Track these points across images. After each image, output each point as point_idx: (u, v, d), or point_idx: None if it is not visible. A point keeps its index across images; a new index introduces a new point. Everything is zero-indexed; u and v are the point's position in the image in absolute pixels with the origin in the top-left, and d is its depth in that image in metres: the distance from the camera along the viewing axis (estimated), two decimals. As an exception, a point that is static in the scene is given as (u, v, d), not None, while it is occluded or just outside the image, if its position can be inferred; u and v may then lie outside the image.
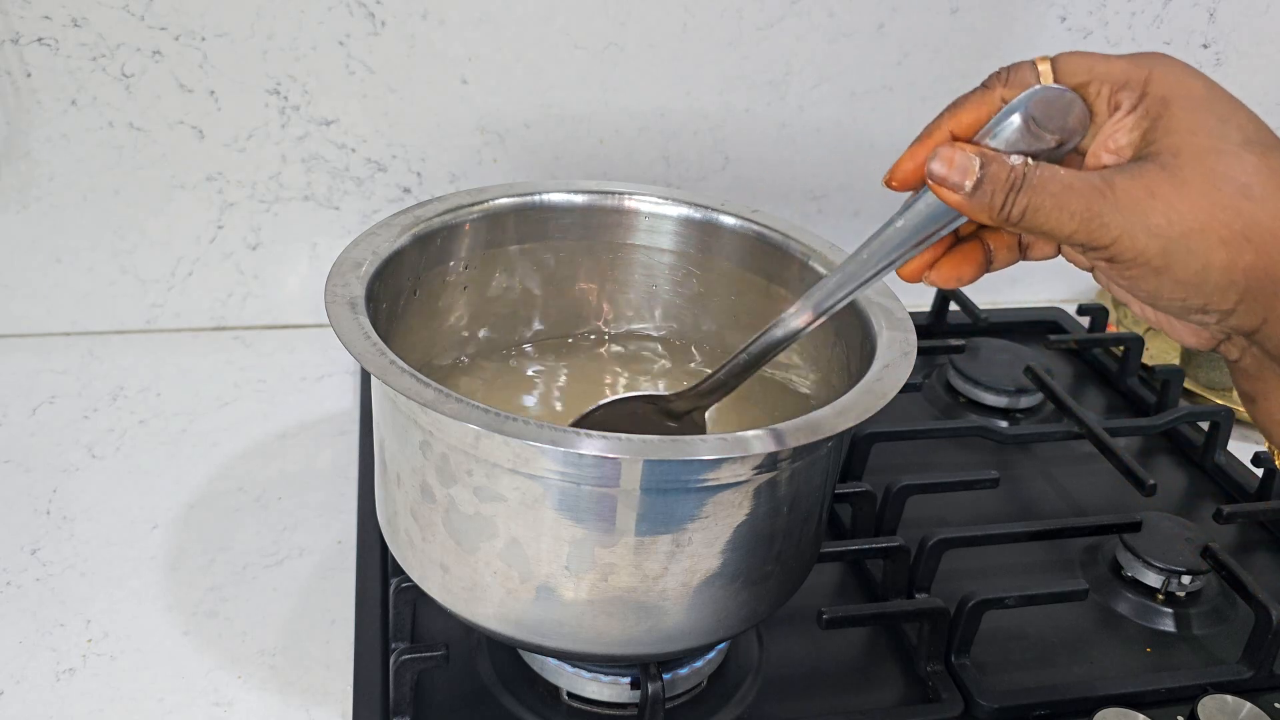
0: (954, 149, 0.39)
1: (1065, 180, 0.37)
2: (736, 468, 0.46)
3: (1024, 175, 0.38)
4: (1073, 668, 0.62)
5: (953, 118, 0.41)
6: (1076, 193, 0.37)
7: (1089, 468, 0.78)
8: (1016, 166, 0.38)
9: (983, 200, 0.38)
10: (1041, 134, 0.39)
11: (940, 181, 0.39)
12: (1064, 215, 0.37)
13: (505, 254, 0.65)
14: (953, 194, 0.39)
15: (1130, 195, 0.37)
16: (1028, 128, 0.39)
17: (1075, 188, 0.37)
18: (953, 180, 0.39)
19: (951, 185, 0.39)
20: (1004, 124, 0.39)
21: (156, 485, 0.71)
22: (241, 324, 0.88)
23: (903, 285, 0.62)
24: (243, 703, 0.57)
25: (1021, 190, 0.38)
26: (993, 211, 0.39)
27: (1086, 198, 0.37)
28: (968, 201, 0.39)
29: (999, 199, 0.38)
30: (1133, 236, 0.37)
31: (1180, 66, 0.38)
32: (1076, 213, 0.37)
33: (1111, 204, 0.37)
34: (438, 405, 0.44)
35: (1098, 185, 0.37)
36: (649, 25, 0.83)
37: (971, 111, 0.41)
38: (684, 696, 0.57)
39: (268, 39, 0.78)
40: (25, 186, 0.80)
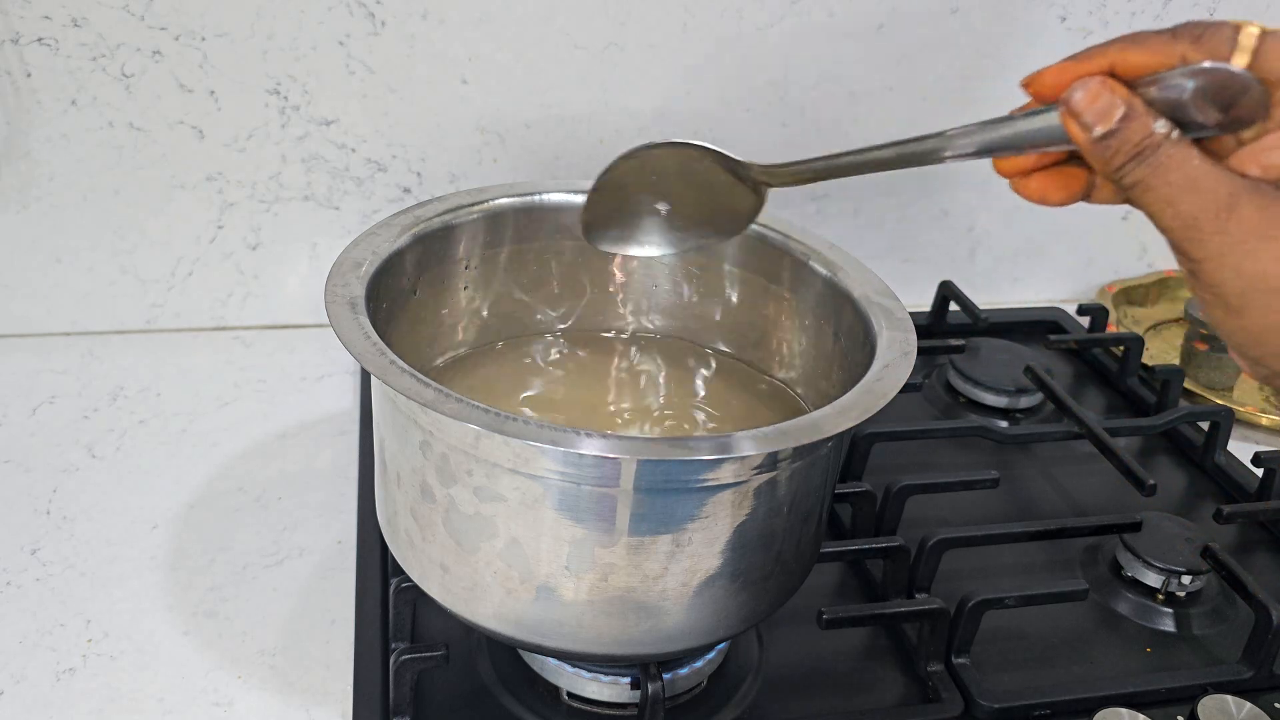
0: (1104, 87, 0.36)
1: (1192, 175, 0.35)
2: (736, 468, 0.46)
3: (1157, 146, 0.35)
4: (1073, 668, 0.62)
5: (1122, 51, 0.37)
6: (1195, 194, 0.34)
7: (1089, 468, 0.78)
8: (1155, 135, 0.35)
9: (1103, 152, 0.36)
10: (1206, 110, 0.35)
11: (1074, 113, 0.36)
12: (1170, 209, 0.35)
13: (505, 254, 0.65)
14: (1079, 131, 0.36)
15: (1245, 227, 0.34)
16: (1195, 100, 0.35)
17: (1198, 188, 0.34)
18: (1086, 119, 0.36)
19: (1083, 123, 0.36)
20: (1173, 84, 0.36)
21: (156, 485, 0.71)
22: (241, 324, 0.88)
23: (903, 285, 0.62)
24: (243, 703, 0.57)
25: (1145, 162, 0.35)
26: (1107, 167, 0.36)
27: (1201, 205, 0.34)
28: (1090, 145, 0.36)
29: (1119, 159, 0.36)
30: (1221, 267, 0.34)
31: None
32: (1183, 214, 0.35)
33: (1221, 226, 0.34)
34: (438, 405, 0.44)
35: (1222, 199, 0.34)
36: (649, 25, 0.83)
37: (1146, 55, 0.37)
38: (684, 696, 0.57)
39: (268, 39, 0.78)
40: (25, 186, 0.80)
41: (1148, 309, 1.00)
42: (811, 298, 0.62)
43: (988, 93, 0.91)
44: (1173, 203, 0.35)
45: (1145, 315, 0.99)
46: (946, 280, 0.91)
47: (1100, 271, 1.01)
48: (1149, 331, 0.98)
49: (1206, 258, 0.35)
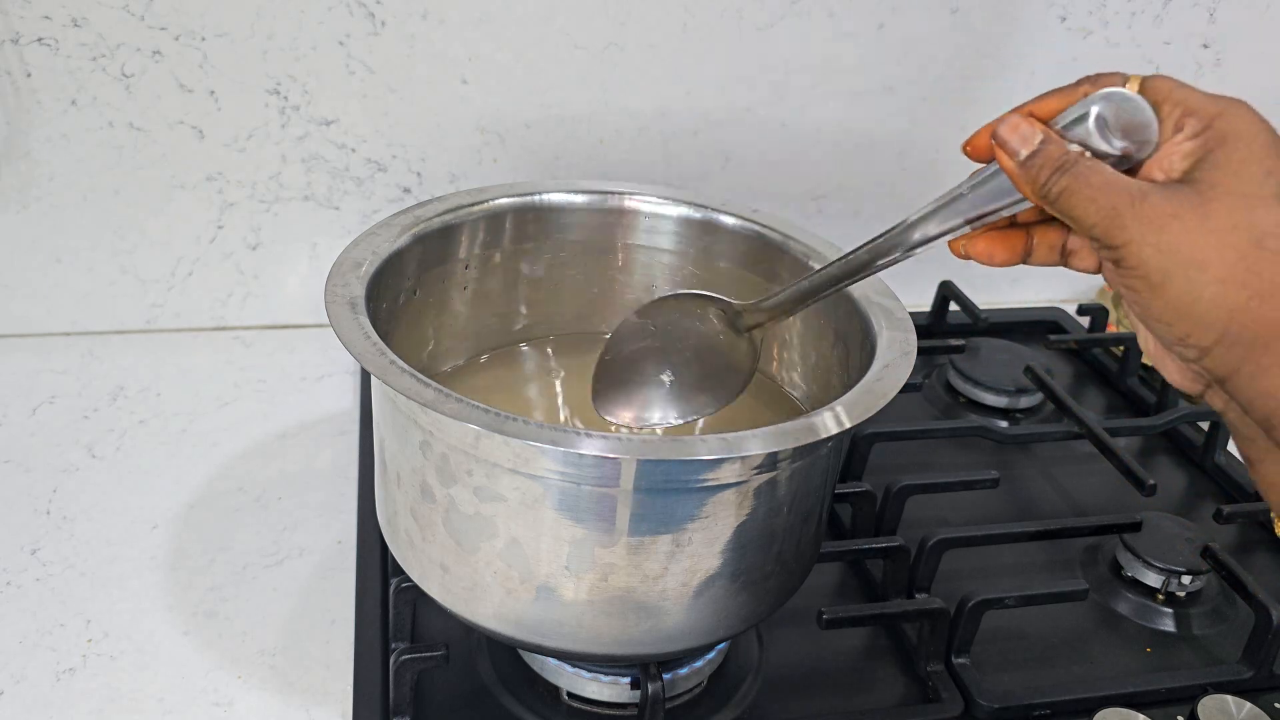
0: (1022, 120, 0.42)
1: (1107, 177, 0.40)
2: (736, 468, 0.46)
3: (1074, 161, 0.40)
4: (1073, 668, 0.62)
5: (1037, 103, 0.43)
6: (1111, 190, 0.40)
7: (1089, 468, 0.78)
8: (1070, 152, 0.41)
9: (1030, 171, 0.41)
10: (1110, 138, 0.41)
11: (1001, 145, 0.42)
12: (1091, 206, 0.40)
13: (505, 254, 0.65)
14: (1008, 160, 0.42)
15: (1156, 210, 0.39)
16: (1098, 127, 0.41)
17: (1112, 186, 0.40)
18: (1011, 146, 0.42)
19: (1009, 151, 0.42)
20: (1076, 117, 0.42)
21: (156, 485, 0.71)
22: (241, 324, 0.88)
23: (903, 285, 0.62)
24: (243, 703, 0.57)
25: (1066, 173, 0.40)
26: (1035, 185, 0.41)
27: (1117, 198, 0.39)
28: (1018, 169, 0.42)
29: (1044, 174, 0.41)
30: (1141, 246, 0.39)
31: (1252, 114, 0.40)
32: (1104, 208, 0.40)
33: (1136, 212, 0.39)
34: (438, 405, 0.44)
35: (1133, 192, 0.39)
36: (649, 25, 0.83)
37: (1055, 101, 0.43)
38: (684, 696, 0.57)
39: (268, 39, 0.78)
40: (25, 186, 0.80)
41: (1148, 309, 1.00)
42: (811, 298, 0.62)
43: (988, 93, 0.91)
44: (1093, 199, 0.40)
45: (1145, 315, 0.99)
46: (946, 280, 0.91)
47: (1100, 271, 1.01)
48: (1149, 331, 0.98)
49: (1128, 240, 0.39)
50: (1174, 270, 0.38)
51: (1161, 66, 0.92)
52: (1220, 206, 0.38)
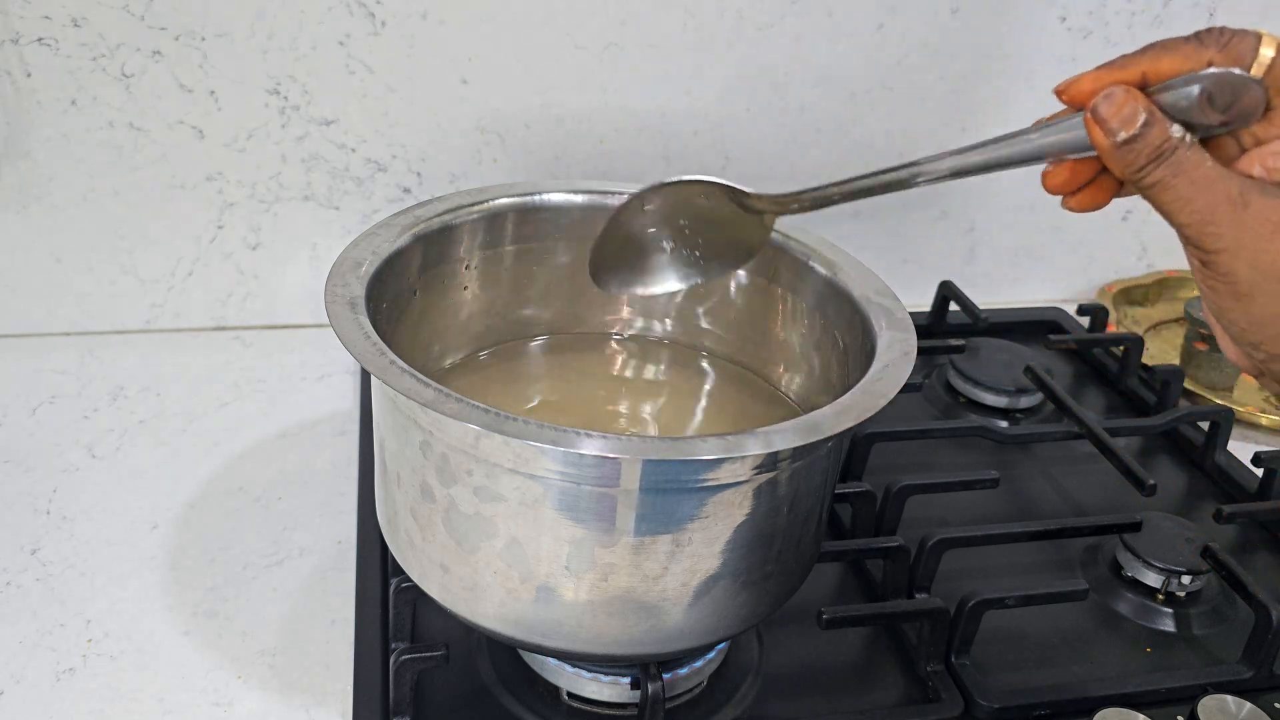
0: (1129, 96, 0.39)
1: (1207, 174, 0.37)
2: (736, 468, 0.46)
3: (1172, 150, 0.38)
4: (1073, 668, 0.62)
5: (1154, 60, 0.40)
6: (1210, 192, 0.37)
7: (1089, 468, 0.78)
8: (1172, 139, 0.38)
9: (1125, 156, 0.39)
10: (1210, 112, 0.39)
11: (1100, 121, 0.39)
12: (1187, 206, 0.38)
13: (505, 254, 0.65)
14: (1103, 137, 0.39)
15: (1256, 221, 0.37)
16: (1200, 102, 0.39)
17: (1213, 186, 0.37)
18: (1111, 125, 0.39)
19: (1107, 130, 0.39)
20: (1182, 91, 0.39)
21: (156, 485, 0.71)
22: (241, 324, 0.88)
23: (903, 285, 0.62)
24: (243, 703, 0.57)
25: (1163, 164, 0.38)
26: (1130, 169, 0.39)
27: (1215, 201, 0.37)
28: (1114, 150, 0.39)
29: (1140, 161, 0.38)
30: (1235, 257, 0.37)
31: None
32: (1199, 210, 0.37)
33: (1234, 221, 0.37)
34: (438, 405, 0.44)
35: (1233, 196, 0.37)
36: (649, 25, 0.83)
37: (1175, 62, 0.40)
38: (684, 696, 0.57)
39: (268, 39, 0.78)
40: (25, 186, 0.80)
41: (1148, 309, 1.00)
42: (811, 298, 0.62)
43: (988, 93, 0.91)
44: (1190, 200, 0.37)
45: (1145, 315, 0.99)
46: (946, 280, 0.91)
47: (1100, 271, 1.01)
48: (1149, 331, 0.98)
49: (1223, 249, 0.37)
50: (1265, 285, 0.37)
51: (1161, 66, 0.92)
52: None
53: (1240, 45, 0.39)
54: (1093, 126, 0.40)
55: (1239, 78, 0.38)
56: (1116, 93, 0.39)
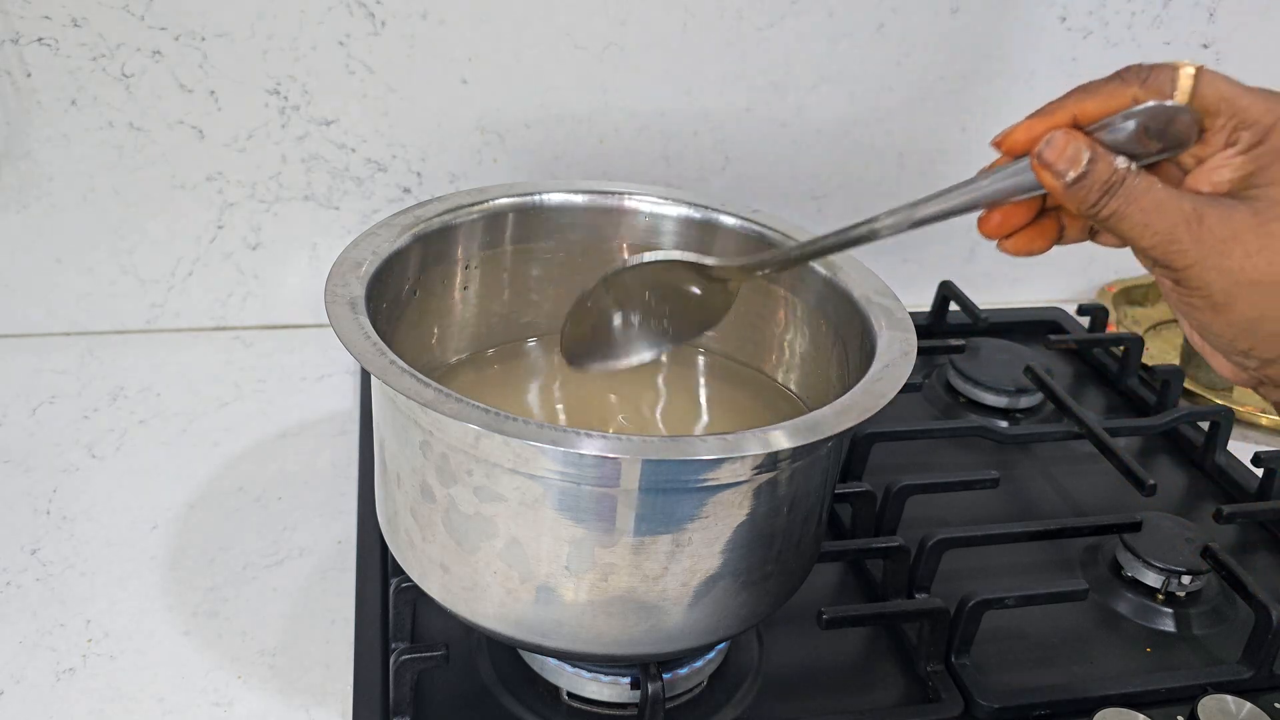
0: (1069, 138, 0.40)
1: (1159, 197, 0.39)
2: (736, 468, 0.46)
3: (1121, 180, 0.39)
4: (1073, 668, 0.62)
5: (1079, 103, 0.41)
6: (1165, 213, 0.38)
7: (1089, 468, 0.78)
8: (1119, 170, 0.39)
9: (1078, 193, 0.40)
10: (1147, 142, 0.40)
11: (1047, 166, 0.40)
12: (1147, 231, 0.39)
13: (505, 254, 0.65)
14: (1054, 180, 0.40)
15: (1215, 232, 0.38)
16: (1137, 135, 0.40)
17: (1166, 207, 0.38)
18: (1059, 168, 0.40)
19: (1056, 172, 0.40)
20: (1117, 126, 0.40)
21: (156, 485, 0.71)
22: (241, 324, 0.88)
23: (903, 285, 0.62)
24: (243, 703, 0.57)
25: (1116, 195, 0.39)
26: (1084, 206, 0.40)
27: (1173, 221, 0.38)
28: (1065, 191, 0.40)
29: (1093, 196, 0.39)
30: (1204, 269, 0.38)
31: None
32: (1160, 231, 0.38)
33: (1195, 236, 0.38)
34: (438, 405, 0.44)
35: (1188, 213, 0.38)
36: (649, 25, 0.83)
37: (1101, 102, 0.41)
38: (684, 696, 0.57)
39: (268, 39, 0.78)
40: (25, 186, 0.80)
41: (1148, 309, 1.00)
42: (811, 298, 0.62)
43: (988, 93, 0.91)
44: (1148, 224, 0.39)
45: (1145, 315, 0.99)
46: (946, 280, 0.91)
47: (1100, 271, 1.01)
48: (1149, 331, 0.98)
49: (1191, 264, 0.38)
50: (1238, 292, 0.38)
51: (1161, 66, 0.92)
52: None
53: (1160, 78, 0.40)
54: (1041, 171, 0.41)
55: (1171, 108, 0.40)
56: (1057, 136, 0.40)
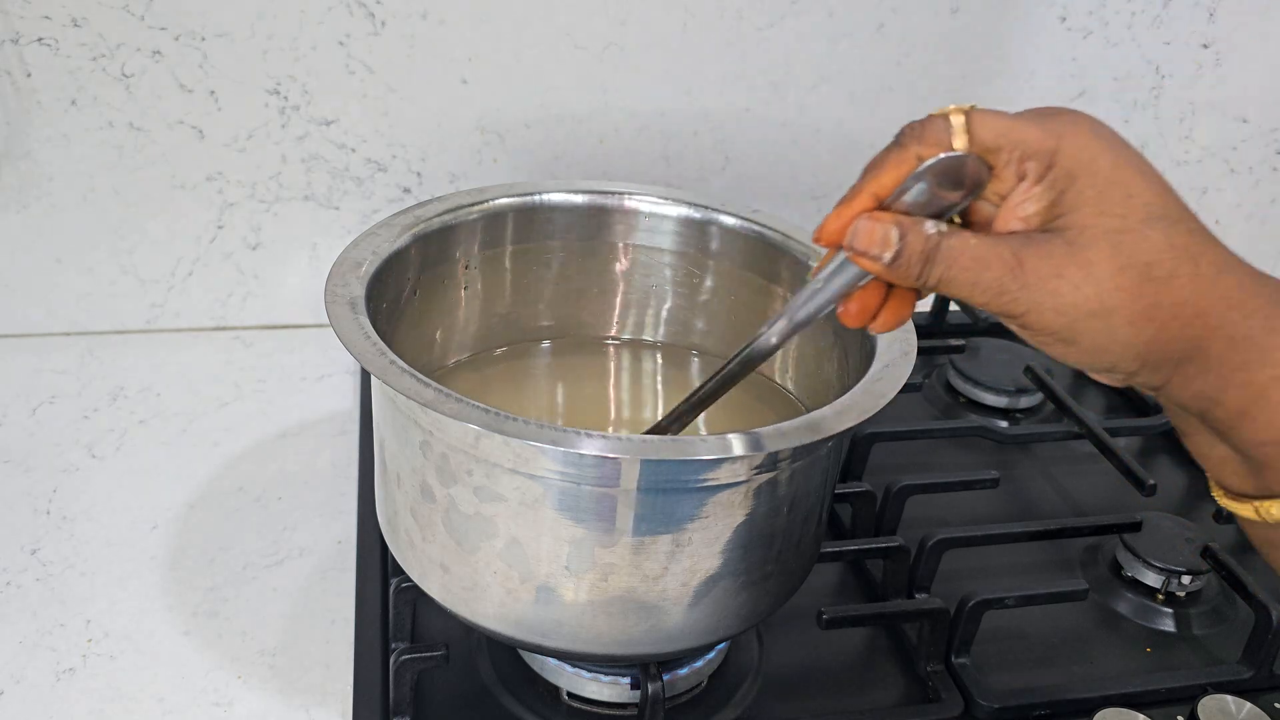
0: (872, 222, 0.40)
1: (976, 253, 0.39)
2: (736, 468, 0.46)
3: (936, 245, 0.39)
4: (1073, 668, 0.62)
5: (874, 179, 0.42)
6: (987, 266, 0.39)
7: (1089, 468, 0.78)
8: (930, 236, 0.40)
9: (900, 269, 0.40)
10: (945, 195, 0.40)
11: (861, 254, 0.41)
12: (976, 289, 0.39)
13: (505, 254, 0.65)
14: (872, 264, 0.41)
15: (1038, 274, 0.38)
16: (933, 192, 0.40)
17: (986, 261, 0.39)
18: (873, 253, 0.40)
19: (872, 256, 0.41)
20: (912, 189, 0.41)
21: (156, 485, 0.71)
22: (241, 324, 0.88)
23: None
24: (243, 703, 0.57)
25: (936, 261, 0.40)
26: (910, 279, 0.41)
27: (997, 273, 0.39)
28: (887, 271, 0.41)
29: (915, 269, 0.40)
30: (1040, 313, 0.38)
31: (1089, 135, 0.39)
32: (988, 287, 0.39)
33: (1020, 282, 0.38)
34: (438, 405, 0.44)
35: (1008, 260, 0.38)
36: (649, 25, 0.83)
37: (890, 172, 0.41)
38: (684, 696, 0.57)
39: (268, 39, 0.78)
40: (25, 186, 0.80)
41: (1148, 309, 1.00)
42: (811, 298, 0.62)
43: (988, 93, 0.91)
44: (975, 281, 0.39)
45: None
46: (946, 280, 0.91)
47: (1100, 271, 1.01)
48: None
49: (1026, 310, 0.39)
50: (1079, 326, 0.38)
51: (1161, 66, 0.92)
52: (1098, 252, 0.38)
53: (935, 130, 0.41)
54: (861, 260, 0.41)
55: (953, 158, 0.40)
56: (861, 223, 0.41)
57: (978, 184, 0.40)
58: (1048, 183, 0.39)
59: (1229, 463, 0.41)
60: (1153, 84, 0.93)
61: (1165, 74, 0.93)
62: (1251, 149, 0.98)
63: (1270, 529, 0.40)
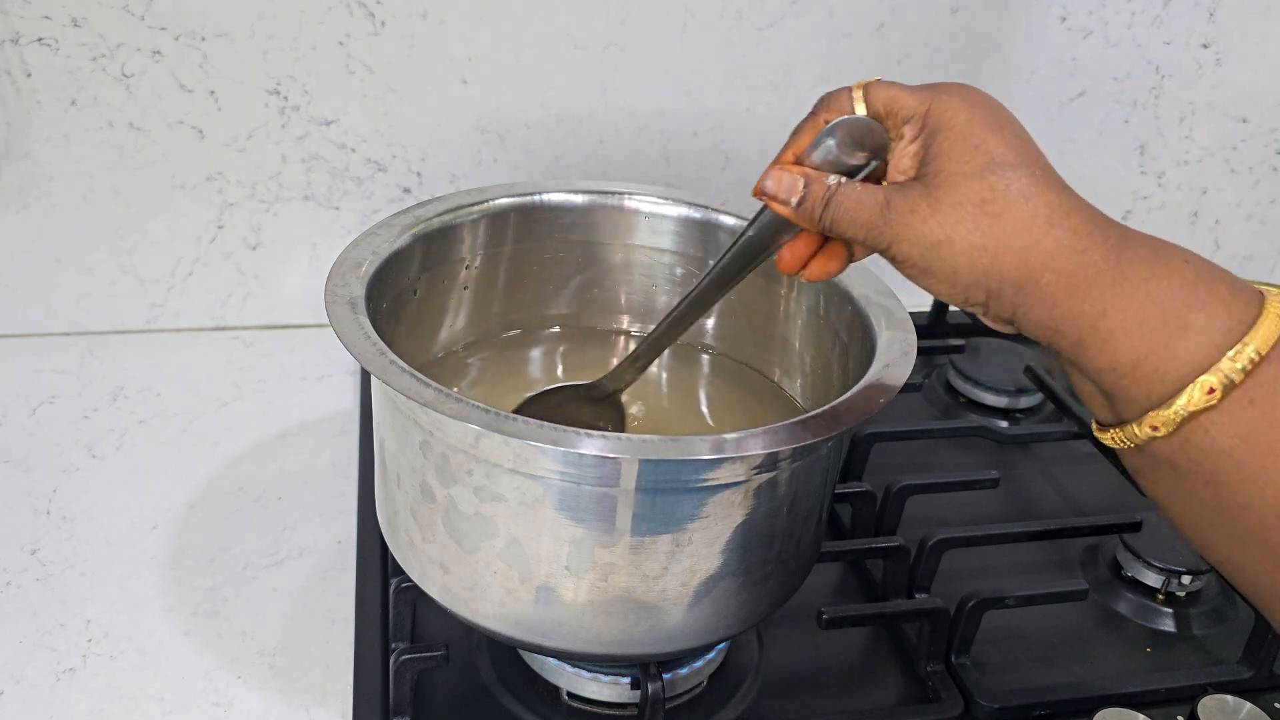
0: (782, 171, 0.47)
1: (858, 197, 0.45)
2: (736, 467, 0.46)
3: (834, 192, 0.46)
4: (1073, 668, 0.62)
5: (794, 142, 0.48)
6: (864, 208, 0.45)
7: (1089, 468, 0.78)
8: (829, 186, 0.46)
9: (804, 212, 0.47)
10: (853, 153, 0.46)
11: (772, 197, 0.47)
12: (855, 226, 0.45)
13: (505, 254, 0.65)
14: (783, 207, 0.47)
15: (899, 211, 0.44)
16: (839, 149, 0.46)
17: (864, 203, 0.45)
18: (781, 197, 0.47)
19: (781, 200, 0.47)
20: (820, 146, 0.47)
21: (156, 485, 0.71)
22: (241, 324, 0.88)
23: (904, 285, 0.62)
24: (243, 703, 0.57)
25: (830, 206, 0.46)
26: (811, 221, 0.47)
27: (870, 212, 0.45)
28: (794, 213, 0.47)
29: (816, 211, 0.46)
30: (900, 244, 0.44)
31: (956, 100, 0.45)
32: (863, 224, 0.45)
33: (886, 218, 0.45)
34: (438, 405, 0.44)
35: (880, 201, 0.45)
36: (649, 25, 0.83)
37: (806, 136, 0.48)
38: (684, 696, 0.57)
39: (268, 39, 0.78)
40: (25, 186, 0.80)
41: (1147, 309, 1.00)
42: (812, 297, 0.62)
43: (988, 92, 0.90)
44: (855, 220, 0.45)
45: (1145, 315, 0.99)
46: (946, 280, 0.91)
47: (1100, 271, 1.01)
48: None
49: (890, 242, 0.45)
50: (929, 255, 0.44)
51: (1161, 66, 0.92)
52: (944, 191, 0.43)
53: (839, 100, 0.48)
54: (771, 204, 0.47)
55: (848, 120, 0.46)
56: (773, 172, 0.47)
57: (879, 146, 0.47)
58: (920, 141, 0.46)
59: (1095, 396, 0.44)
60: (1153, 84, 0.93)
61: (1165, 74, 0.93)
62: (1251, 149, 0.98)
63: (1135, 456, 0.43)
